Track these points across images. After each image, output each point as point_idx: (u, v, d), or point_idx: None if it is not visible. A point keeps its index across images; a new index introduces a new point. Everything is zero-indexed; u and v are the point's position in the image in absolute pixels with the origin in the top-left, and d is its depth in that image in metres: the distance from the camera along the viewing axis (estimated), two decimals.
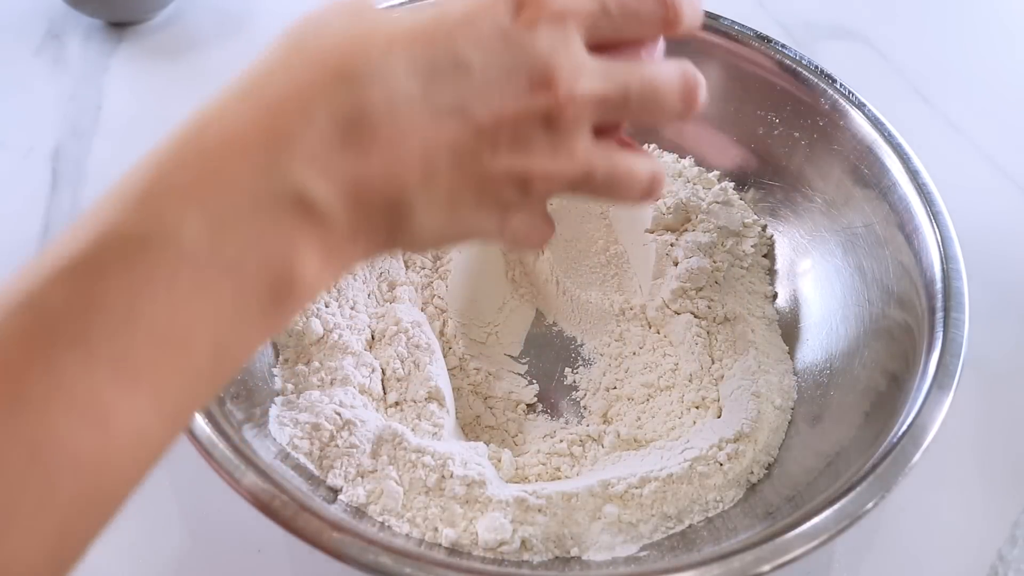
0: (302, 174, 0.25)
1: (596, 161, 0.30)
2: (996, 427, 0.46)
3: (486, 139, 0.27)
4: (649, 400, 0.45)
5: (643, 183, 0.31)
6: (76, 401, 0.22)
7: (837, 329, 0.45)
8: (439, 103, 0.26)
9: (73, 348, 0.22)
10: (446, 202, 0.28)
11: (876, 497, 0.33)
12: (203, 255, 0.24)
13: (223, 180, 0.24)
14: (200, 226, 0.24)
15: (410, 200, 0.27)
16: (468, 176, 0.27)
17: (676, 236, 0.49)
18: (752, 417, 0.41)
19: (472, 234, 0.30)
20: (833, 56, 0.66)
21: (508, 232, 0.30)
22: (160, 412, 0.23)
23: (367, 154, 0.25)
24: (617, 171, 0.30)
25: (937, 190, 0.43)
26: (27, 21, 0.66)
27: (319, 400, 0.40)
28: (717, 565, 0.32)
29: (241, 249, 0.24)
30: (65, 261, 0.23)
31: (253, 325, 0.25)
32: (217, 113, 0.25)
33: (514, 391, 0.47)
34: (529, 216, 0.30)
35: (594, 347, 0.48)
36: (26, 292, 0.23)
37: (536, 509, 0.37)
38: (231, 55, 0.65)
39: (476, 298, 0.49)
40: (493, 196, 0.28)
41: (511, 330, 0.50)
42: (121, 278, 0.23)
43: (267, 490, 0.33)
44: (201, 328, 0.24)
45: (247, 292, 0.24)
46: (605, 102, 0.28)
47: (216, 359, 0.25)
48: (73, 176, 0.56)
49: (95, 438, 0.22)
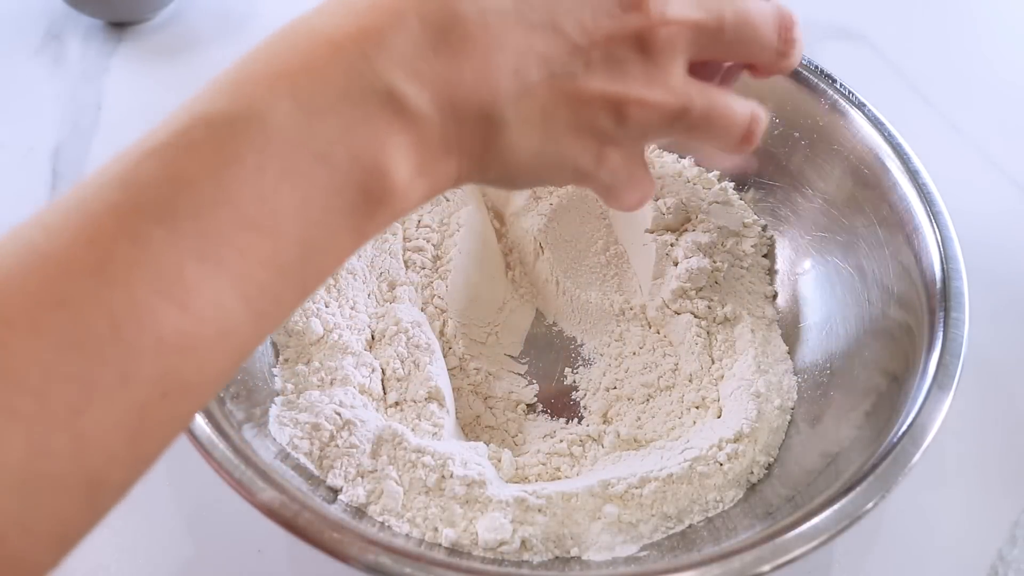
0: (393, 73, 0.24)
1: (693, 93, 0.29)
2: (996, 427, 0.46)
3: (579, 56, 0.27)
4: (649, 400, 0.45)
5: (742, 124, 0.30)
6: (160, 276, 0.21)
7: (837, 329, 0.45)
8: (531, 17, 0.26)
9: (159, 223, 0.22)
10: (539, 120, 0.27)
11: (876, 497, 0.33)
12: (292, 139, 0.23)
13: (313, 71, 0.24)
14: (289, 110, 0.23)
15: (502, 111, 0.26)
16: (562, 94, 0.27)
17: (676, 236, 0.49)
18: (752, 417, 0.41)
19: (567, 165, 0.29)
20: (833, 56, 0.66)
21: (605, 170, 0.29)
22: (244, 300, 0.23)
23: (459, 60, 0.25)
24: (715, 108, 0.29)
25: (937, 190, 0.43)
26: (27, 21, 0.66)
27: (319, 400, 0.40)
28: (717, 565, 0.32)
29: (330, 137, 0.24)
30: (156, 142, 0.23)
31: (343, 227, 0.25)
32: (313, 15, 0.26)
33: (514, 391, 0.47)
34: (626, 156, 0.29)
35: (594, 347, 0.48)
36: (119, 169, 0.23)
37: (536, 509, 0.37)
38: (231, 55, 0.64)
39: (476, 298, 0.49)
40: (588, 121, 0.28)
41: (511, 330, 0.50)
42: (209, 157, 0.23)
43: (267, 490, 0.33)
44: (288, 216, 0.23)
45: (337, 185, 0.24)
46: (698, 28, 0.28)
47: (304, 258, 0.24)
48: (73, 176, 0.56)
49: (178, 317, 0.22)
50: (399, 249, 0.49)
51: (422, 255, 0.49)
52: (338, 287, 0.46)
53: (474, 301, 0.49)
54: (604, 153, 0.29)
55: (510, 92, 0.26)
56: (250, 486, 0.33)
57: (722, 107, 0.29)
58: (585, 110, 0.27)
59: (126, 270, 0.21)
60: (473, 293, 0.50)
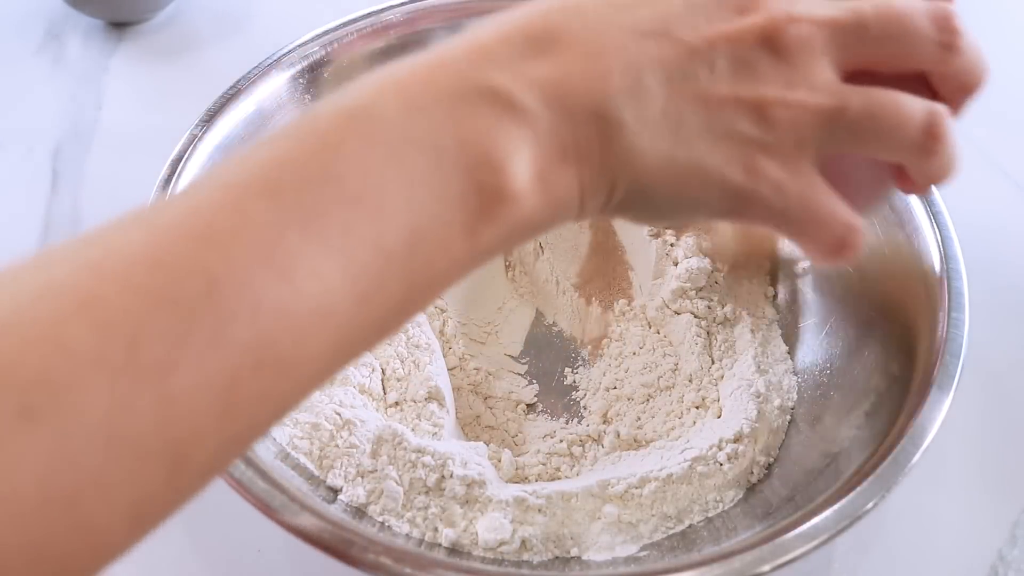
0: (498, 75, 0.24)
1: (847, 92, 0.26)
2: (996, 427, 0.46)
3: (699, 59, 0.25)
4: (649, 400, 0.45)
5: (917, 124, 0.26)
6: (260, 244, 0.21)
7: (837, 329, 0.45)
8: (641, 26, 0.25)
9: (262, 196, 0.22)
10: (663, 123, 0.25)
11: (876, 497, 0.33)
12: (397, 127, 0.23)
13: (419, 75, 0.24)
14: (395, 104, 0.24)
15: (617, 110, 0.25)
16: (686, 95, 0.25)
17: (676, 236, 0.49)
18: (752, 417, 0.41)
19: (712, 175, 0.26)
20: None
21: (764, 184, 0.26)
22: (347, 280, 0.22)
23: (565, 62, 0.25)
24: (877, 102, 0.26)
25: (937, 190, 0.43)
26: (27, 21, 0.66)
27: (319, 400, 0.40)
28: (717, 565, 0.32)
29: (437, 126, 0.24)
30: (268, 136, 0.24)
31: (454, 221, 0.24)
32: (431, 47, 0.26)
33: (514, 391, 0.47)
34: (789, 170, 0.26)
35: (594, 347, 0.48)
36: (233, 157, 0.23)
37: (536, 509, 0.37)
38: (231, 55, 0.65)
39: (476, 298, 0.49)
40: (725, 126, 0.25)
41: (511, 330, 0.50)
42: (312, 142, 0.23)
43: (267, 490, 0.33)
44: (393, 197, 0.23)
45: (445, 171, 0.23)
46: (835, 26, 0.26)
47: (410, 246, 0.23)
48: (73, 176, 0.56)
49: (276, 285, 0.21)
50: None
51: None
52: None
53: (474, 301, 0.49)
54: (755, 162, 0.26)
55: (622, 89, 0.25)
56: (250, 486, 0.33)
57: (888, 102, 0.26)
58: (719, 115, 0.25)
59: (226, 237, 0.21)
60: (473, 293, 0.50)
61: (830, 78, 0.26)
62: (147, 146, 0.58)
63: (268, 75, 0.48)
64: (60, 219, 0.53)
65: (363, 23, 0.51)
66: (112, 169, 0.56)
